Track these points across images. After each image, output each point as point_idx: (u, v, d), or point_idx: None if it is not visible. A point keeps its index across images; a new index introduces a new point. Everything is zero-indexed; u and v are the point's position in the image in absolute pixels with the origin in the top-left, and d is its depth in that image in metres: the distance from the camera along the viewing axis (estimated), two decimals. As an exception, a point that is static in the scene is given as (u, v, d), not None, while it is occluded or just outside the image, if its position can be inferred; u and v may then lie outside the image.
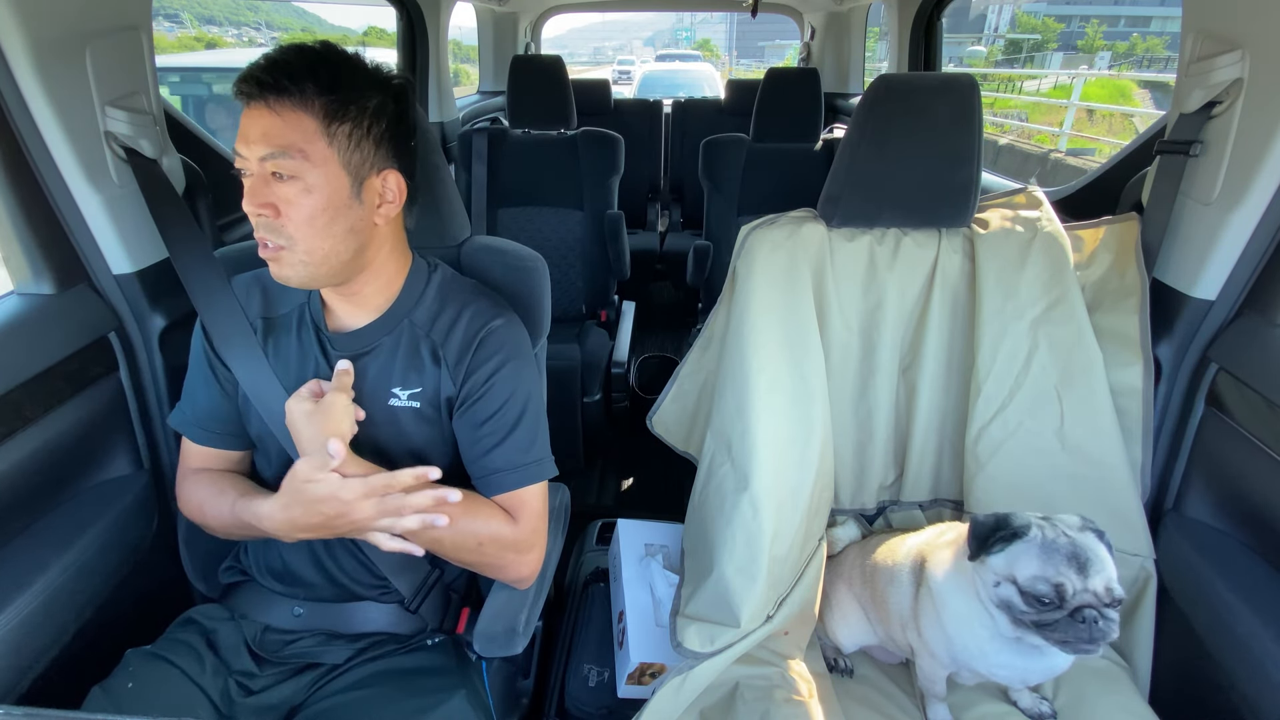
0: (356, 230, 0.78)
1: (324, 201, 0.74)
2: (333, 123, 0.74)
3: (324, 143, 0.73)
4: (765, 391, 1.03)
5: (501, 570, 0.86)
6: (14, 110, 0.87)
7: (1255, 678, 0.82)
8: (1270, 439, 0.88)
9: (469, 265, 1.04)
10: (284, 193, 0.73)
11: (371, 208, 0.79)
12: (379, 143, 0.78)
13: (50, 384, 0.93)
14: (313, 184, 0.73)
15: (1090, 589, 0.74)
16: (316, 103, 0.73)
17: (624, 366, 1.99)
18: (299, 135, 0.72)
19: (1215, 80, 0.93)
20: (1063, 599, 0.74)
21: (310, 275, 0.78)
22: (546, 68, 2.19)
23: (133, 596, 1.02)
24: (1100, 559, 0.75)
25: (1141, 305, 1.03)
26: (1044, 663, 0.83)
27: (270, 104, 0.72)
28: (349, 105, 0.74)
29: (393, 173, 0.80)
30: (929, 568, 0.91)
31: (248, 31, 49.57)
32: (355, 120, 0.75)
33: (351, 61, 0.76)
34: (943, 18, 2.41)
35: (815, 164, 2.04)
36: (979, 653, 0.84)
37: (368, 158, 0.77)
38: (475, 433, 0.86)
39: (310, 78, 0.72)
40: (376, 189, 0.79)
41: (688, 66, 10.70)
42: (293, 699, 0.86)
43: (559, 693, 1.14)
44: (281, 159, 0.72)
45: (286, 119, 0.72)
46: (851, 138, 1.09)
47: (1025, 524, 0.79)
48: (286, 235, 0.75)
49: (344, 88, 0.74)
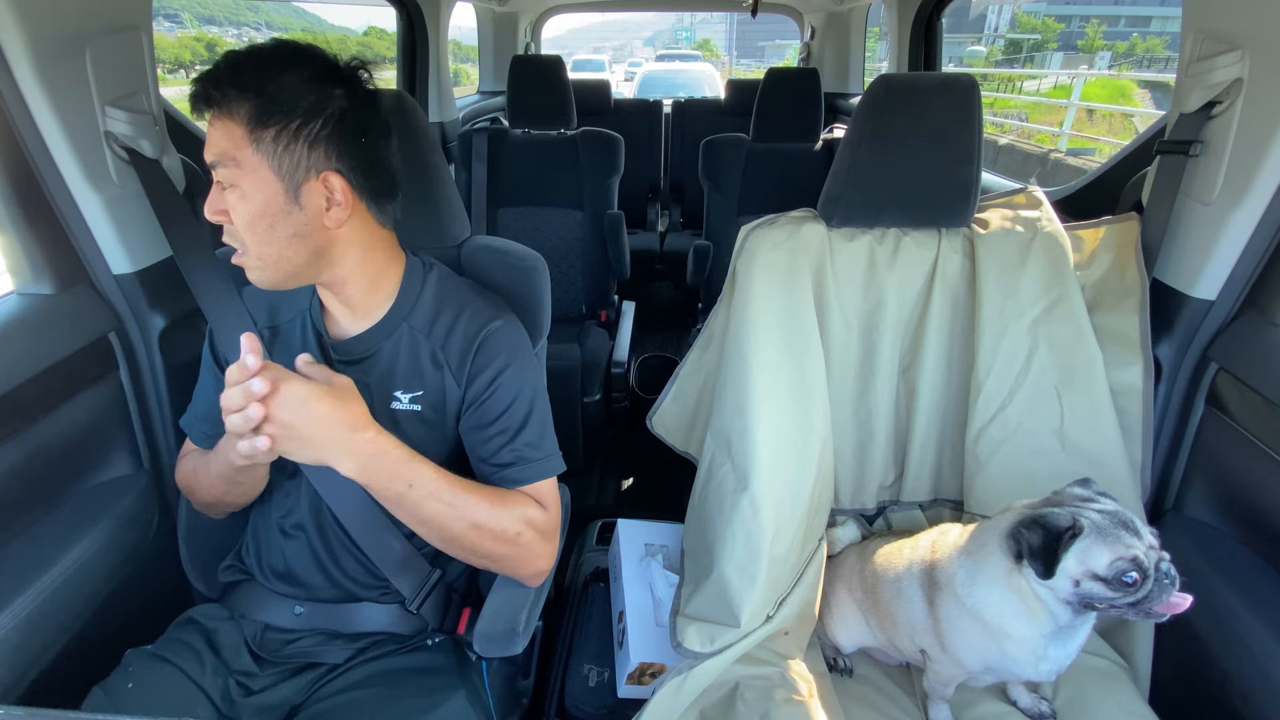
0: (303, 235, 0.75)
1: (259, 208, 0.73)
2: (257, 128, 0.72)
3: (250, 149, 0.72)
4: (765, 391, 1.03)
5: (526, 563, 0.85)
6: (14, 110, 0.87)
7: (1255, 678, 0.82)
8: (1270, 439, 0.88)
9: (469, 265, 1.04)
10: (229, 199, 0.74)
11: (318, 211, 0.75)
12: (313, 144, 0.74)
13: (50, 384, 0.93)
14: (247, 191, 0.73)
15: (1150, 544, 0.74)
16: (240, 109, 0.71)
17: (624, 366, 1.99)
18: (230, 143, 0.72)
19: (1215, 80, 0.93)
20: (1143, 569, 0.73)
21: (271, 279, 0.78)
22: (546, 68, 2.19)
23: (133, 596, 1.02)
24: (1131, 513, 0.76)
25: (1141, 305, 1.03)
26: (1072, 649, 0.83)
27: (210, 112, 0.73)
28: (273, 110, 0.72)
29: (332, 174, 0.75)
30: (953, 584, 0.87)
31: (248, 31, 49.56)
32: (281, 124, 0.72)
33: (281, 62, 0.73)
34: (943, 18, 2.41)
35: (815, 164, 2.04)
36: (1031, 657, 0.82)
37: (301, 161, 0.73)
38: (484, 433, 0.86)
39: (232, 84, 0.71)
40: (320, 191, 0.75)
41: (688, 66, 10.68)
42: (293, 699, 0.86)
43: (559, 693, 1.14)
44: (220, 168, 0.73)
45: (218, 128, 0.72)
46: (851, 138, 1.09)
47: (1070, 520, 0.77)
48: (239, 241, 0.76)
49: (269, 91, 0.71)
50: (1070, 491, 0.82)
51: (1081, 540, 0.76)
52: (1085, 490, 0.82)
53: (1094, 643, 1.01)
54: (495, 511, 0.81)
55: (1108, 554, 0.74)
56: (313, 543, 0.89)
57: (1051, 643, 0.82)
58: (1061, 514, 0.78)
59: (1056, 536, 0.76)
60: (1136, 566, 0.73)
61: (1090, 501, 0.79)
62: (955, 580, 0.87)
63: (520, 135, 2.21)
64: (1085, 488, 0.82)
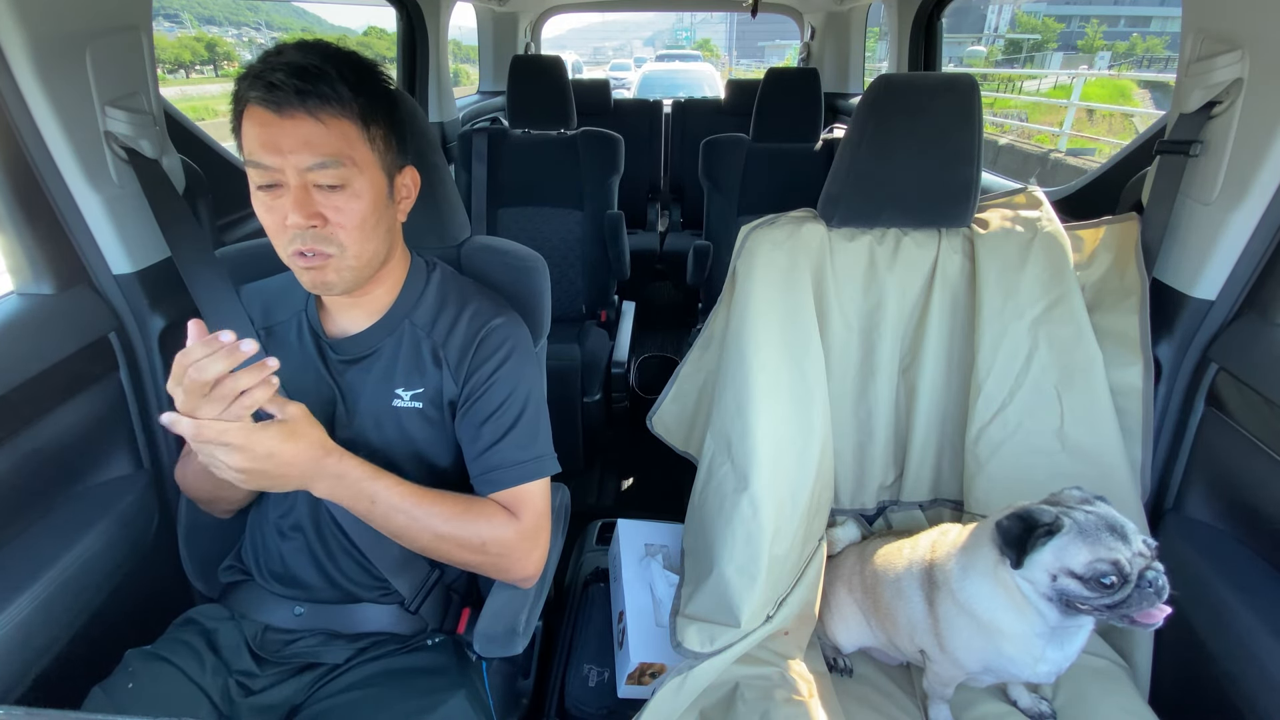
0: (392, 229, 0.81)
1: (370, 205, 0.74)
2: (370, 125, 0.73)
3: (366, 147, 0.73)
4: (765, 391, 1.03)
5: (506, 570, 0.86)
6: (14, 110, 0.87)
7: (1255, 677, 0.82)
8: (1270, 439, 0.88)
9: (469, 265, 1.04)
10: (332, 201, 0.72)
11: (398, 205, 0.81)
12: (400, 139, 0.79)
13: (50, 384, 0.93)
14: (360, 189, 0.73)
15: (1138, 551, 0.74)
16: (354, 106, 0.71)
17: (624, 366, 1.99)
18: (345, 142, 0.71)
19: (1215, 80, 0.93)
20: (1123, 573, 0.73)
21: (354, 280, 0.78)
22: (546, 68, 2.19)
23: (133, 596, 1.02)
24: (1125, 520, 0.76)
25: (1141, 305, 1.03)
26: (1069, 651, 0.83)
27: (312, 110, 0.69)
28: (377, 106, 0.74)
29: (410, 168, 0.82)
30: (949, 581, 0.88)
31: (248, 31, 49.57)
32: (384, 120, 0.75)
33: (364, 59, 0.76)
34: (943, 18, 2.41)
35: (815, 164, 2.04)
36: (1028, 657, 0.82)
37: (395, 156, 0.78)
38: (475, 431, 0.86)
39: (344, 81, 0.70)
40: (402, 186, 0.81)
41: (688, 66, 10.69)
42: (293, 699, 0.86)
43: (559, 693, 1.14)
44: (332, 168, 0.70)
45: (330, 126, 0.70)
46: (851, 137, 1.09)
47: (1052, 517, 0.78)
48: (337, 243, 0.74)
49: (368, 87, 0.73)
50: (1068, 494, 0.83)
51: (1061, 537, 0.77)
52: (1082, 494, 0.82)
53: (1094, 643, 1.01)
54: (457, 523, 0.80)
55: (1087, 554, 0.75)
56: (311, 544, 0.89)
57: (1049, 644, 0.82)
58: (1047, 511, 0.79)
59: (1031, 529, 0.78)
60: (1116, 570, 0.73)
61: (1086, 504, 0.79)
62: (951, 577, 0.87)
63: (520, 135, 2.21)
64: (1085, 493, 0.82)
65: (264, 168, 0.70)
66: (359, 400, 0.86)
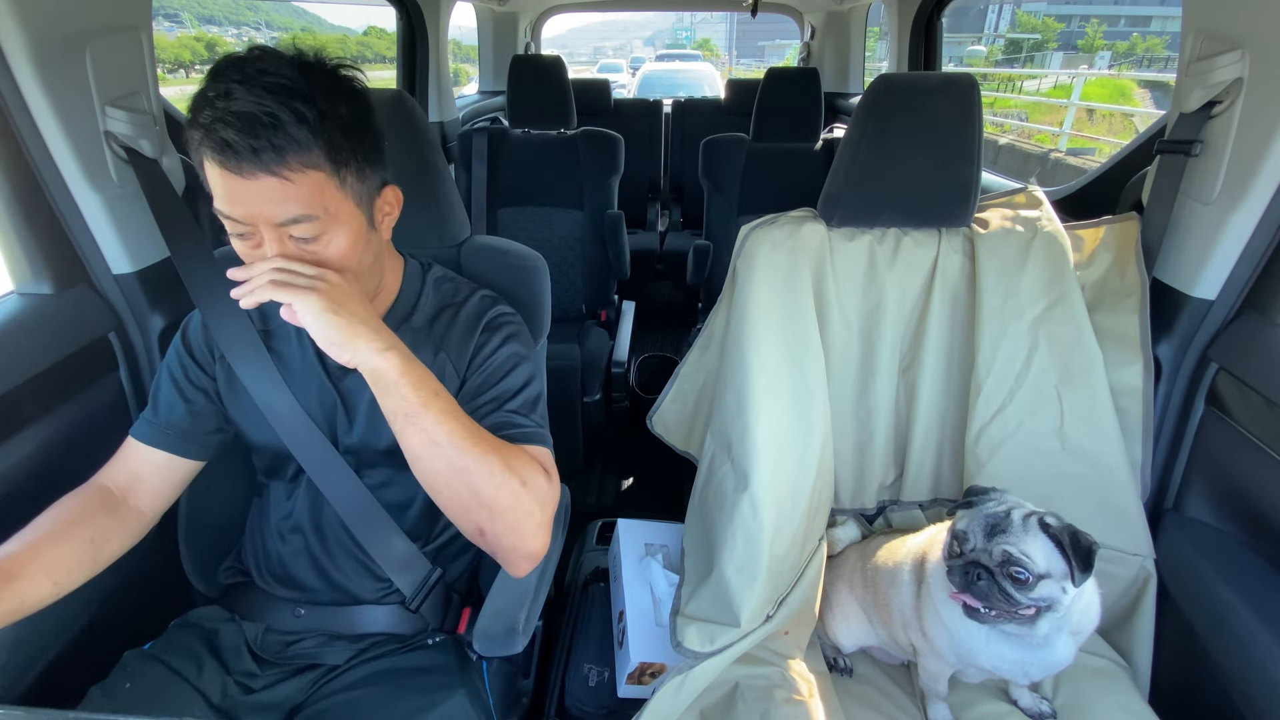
0: (376, 254, 0.79)
1: (351, 244, 0.71)
2: (340, 168, 0.67)
3: (339, 193, 0.68)
4: (765, 391, 1.03)
5: (522, 534, 0.73)
6: (14, 110, 0.87)
7: (1255, 677, 0.82)
8: (1270, 439, 0.88)
9: (469, 265, 1.03)
10: (311, 247, 0.69)
11: (380, 226, 0.78)
12: (370, 161, 0.72)
13: (50, 384, 0.93)
14: (337, 235, 0.69)
15: (987, 549, 0.79)
16: (318, 149, 0.64)
17: (624, 366, 1.99)
18: (315, 194, 0.65)
19: (1215, 80, 0.93)
20: (962, 549, 0.82)
21: None
22: (546, 68, 2.19)
23: (133, 596, 1.01)
24: (1014, 535, 0.78)
25: (1141, 305, 1.03)
26: (1043, 655, 0.83)
27: (272, 170, 0.62)
28: (346, 136, 0.67)
29: (389, 188, 0.77)
30: (927, 565, 0.92)
31: (248, 31, 49.57)
32: (355, 150, 0.69)
33: (322, 67, 0.67)
34: (943, 17, 2.41)
35: (815, 164, 2.04)
36: (983, 644, 0.85)
37: (369, 184, 0.73)
38: (473, 403, 0.82)
39: (303, 123, 0.62)
40: (381, 207, 0.77)
41: (688, 66, 10.69)
42: (293, 698, 0.86)
43: (559, 693, 1.14)
44: (305, 223, 0.66)
45: (298, 182, 0.64)
46: (851, 137, 1.09)
47: (985, 492, 0.86)
48: None
49: (333, 116, 0.66)
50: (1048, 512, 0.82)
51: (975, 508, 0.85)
52: (1051, 518, 0.80)
53: (1094, 643, 1.01)
54: (506, 450, 0.74)
55: (963, 523, 0.84)
56: (310, 545, 0.89)
57: (1006, 641, 0.84)
58: (995, 492, 0.86)
59: (971, 494, 0.87)
60: (957, 541, 0.84)
61: (1025, 510, 0.81)
62: (928, 564, 0.92)
63: (520, 135, 2.21)
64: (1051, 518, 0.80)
65: (234, 220, 0.66)
66: (359, 406, 0.86)
